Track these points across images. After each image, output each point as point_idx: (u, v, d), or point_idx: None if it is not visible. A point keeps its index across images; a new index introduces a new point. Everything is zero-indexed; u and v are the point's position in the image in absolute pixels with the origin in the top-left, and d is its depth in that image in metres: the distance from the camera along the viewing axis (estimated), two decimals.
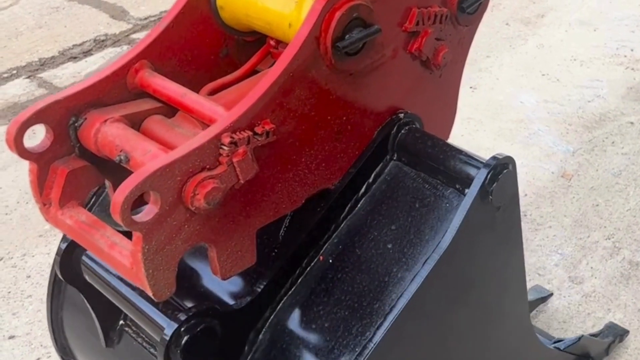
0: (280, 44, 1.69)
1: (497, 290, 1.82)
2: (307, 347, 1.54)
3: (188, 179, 1.33)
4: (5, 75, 4.56)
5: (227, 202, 1.41)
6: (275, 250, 1.62)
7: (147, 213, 1.31)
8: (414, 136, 1.70)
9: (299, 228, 1.63)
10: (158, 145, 1.42)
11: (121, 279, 1.62)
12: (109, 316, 1.74)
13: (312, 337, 1.54)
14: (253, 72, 1.71)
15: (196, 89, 1.61)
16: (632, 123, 3.92)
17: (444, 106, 1.92)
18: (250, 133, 1.40)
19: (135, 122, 1.51)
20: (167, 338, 1.44)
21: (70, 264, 1.73)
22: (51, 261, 3.14)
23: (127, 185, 1.26)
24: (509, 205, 1.66)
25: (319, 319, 1.56)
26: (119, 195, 1.26)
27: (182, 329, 1.45)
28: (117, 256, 1.39)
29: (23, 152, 1.44)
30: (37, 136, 1.50)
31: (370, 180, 1.69)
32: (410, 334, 1.56)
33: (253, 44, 1.75)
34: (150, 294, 1.36)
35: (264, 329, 1.58)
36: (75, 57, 4.73)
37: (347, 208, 1.66)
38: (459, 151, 1.67)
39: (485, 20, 5.27)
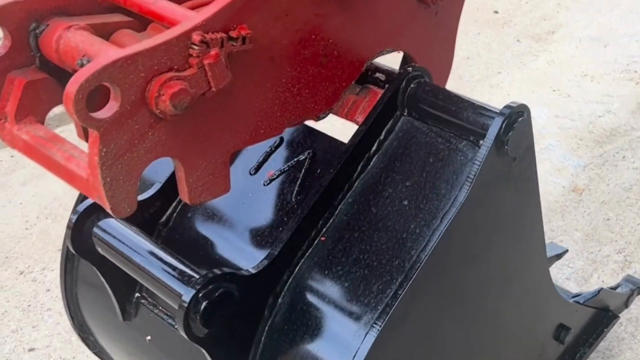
0: None
1: (516, 243, 1.80)
2: (327, 308, 1.52)
3: (153, 77, 1.20)
4: None
5: (197, 113, 1.29)
6: (290, 213, 1.60)
7: (106, 110, 1.18)
8: (423, 89, 1.65)
9: (312, 189, 1.60)
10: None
11: (135, 249, 1.57)
12: (125, 289, 1.71)
13: (331, 298, 1.52)
14: None
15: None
16: None
17: (440, 49, 1.85)
18: (224, 35, 1.27)
19: (103, 35, 1.37)
20: (186, 304, 1.39)
21: (81, 237, 1.67)
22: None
23: (83, 73, 1.12)
24: (525, 156, 1.62)
25: (339, 279, 1.54)
26: (72, 85, 1.12)
27: (200, 294, 1.40)
28: (74, 168, 1.27)
29: None
30: None
31: (382, 137, 1.64)
32: (431, 289, 1.54)
33: None
34: (107, 207, 1.24)
35: (282, 293, 1.55)
36: None
37: (359, 166, 1.62)
38: (471, 102, 1.62)
39: (496, 37, 5.35)
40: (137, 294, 1.74)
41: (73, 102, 1.12)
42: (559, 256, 2.66)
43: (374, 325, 1.44)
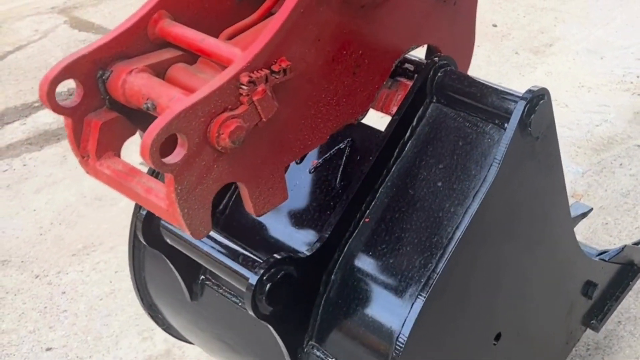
0: None
1: (543, 214, 1.92)
2: (375, 282, 1.67)
3: (211, 119, 1.37)
4: (37, 104, 4.76)
5: (253, 141, 1.46)
6: (335, 198, 1.74)
7: (175, 155, 1.36)
8: (450, 77, 1.78)
9: (354, 175, 1.74)
10: (182, 91, 1.46)
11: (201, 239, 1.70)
12: (191, 272, 1.85)
13: (379, 273, 1.67)
14: (269, 14, 1.72)
15: (215, 35, 1.63)
16: (639, 146, 4.06)
17: (461, 37, 1.96)
18: (267, 71, 1.43)
19: (160, 72, 1.55)
20: (253, 287, 1.56)
21: (151, 229, 1.82)
22: (85, 278, 3.31)
23: (154, 129, 1.31)
24: (547, 134, 1.74)
25: (384, 256, 1.68)
26: (146, 139, 1.31)
27: (265, 277, 1.57)
28: (154, 200, 1.45)
29: (57, 108, 1.49)
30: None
31: (414, 123, 1.77)
32: (467, 262, 1.68)
33: None
34: (187, 232, 1.43)
35: (335, 270, 1.70)
36: None
37: (395, 152, 1.76)
38: (495, 88, 1.74)
39: (495, 50, 5.47)
40: (202, 276, 1.89)
41: (149, 154, 1.31)
42: (584, 215, 2.73)
43: (419, 296, 1.58)
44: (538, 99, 1.68)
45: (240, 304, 1.81)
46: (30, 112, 4.70)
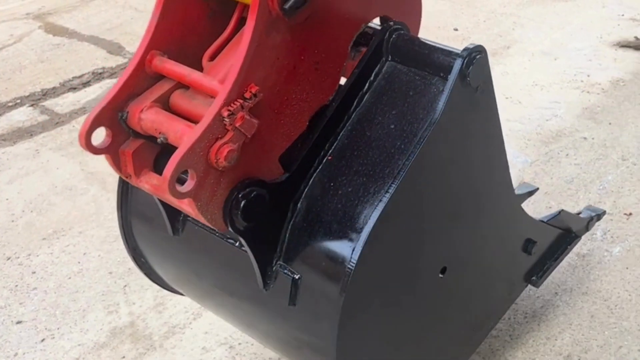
0: None
1: (483, 163, 2.18)
2: (336, 207, 1.94)
3: (208, 149, 1.74)
4: (10, 104, 4.92)
5: (246, 152, 1.80)
6: (302, 138, 1.98)
7: (188, 185, 1.74)
8: (403, 39, 2.05)
9: (318, 120, 1.99)
10: (184, 122, 1.83)
11: None
12: (174, 209, 2.07)
13: (339, 200, 1.95)
14: (241, 22, 1.97)
15: (200, 53, 1.97)
16: (585, 138, 4.29)
17: (409, 5, 2.19)
18: (241, 101, 1.76)
19: (165, 102, 1.91)
20: (230, 202, 1.83)
21: None
22: (54, 259, 3.47)
23: (167, 171, 1.70)
24: (485, 86, 2.01)
25: (343, 186, 1.95)
26: (164, 180, 1.70)
27: (240, 195, 1.85)
28: (186, 207, 1.83)
29: (96, 151, 1.87)
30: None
31: (372, 78, 2.04)
32: (415, 189, 1.93)
33: None
34: (215, 228, 1.84)
35: (301, 199, 1.98)
36: (74, 88, 5.10)
37: (355, 102, 2.03)
38: (440, 47, 2.01)
39: None
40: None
41: (169, 190, 1.70)
42: (530, 193, 2.92)
43: (373, 215, 1.84)
44: (476, 54, 1.95)
45: (217, 234, 2.06)
46: (5, 111, 4.86)
